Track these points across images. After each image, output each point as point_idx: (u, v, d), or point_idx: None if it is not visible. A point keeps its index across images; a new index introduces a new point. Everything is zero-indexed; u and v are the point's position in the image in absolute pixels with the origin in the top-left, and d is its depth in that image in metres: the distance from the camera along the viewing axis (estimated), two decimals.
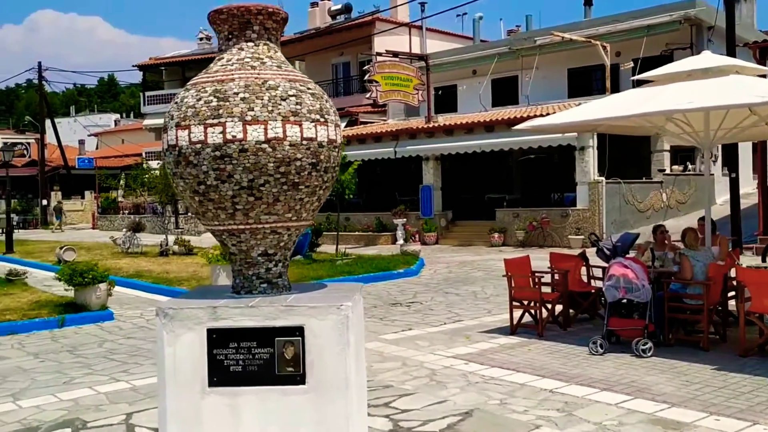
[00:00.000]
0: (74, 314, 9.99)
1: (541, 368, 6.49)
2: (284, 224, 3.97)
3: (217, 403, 3.69)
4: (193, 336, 3.70)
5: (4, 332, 9.23)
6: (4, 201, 26.89)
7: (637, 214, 19.59)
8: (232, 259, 4.10)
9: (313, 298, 3.86)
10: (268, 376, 3.68)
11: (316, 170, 3.96)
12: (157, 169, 23.20)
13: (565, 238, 18.51)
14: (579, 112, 8.29)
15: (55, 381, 6.81)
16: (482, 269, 14.86)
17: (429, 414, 4.93)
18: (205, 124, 3.72)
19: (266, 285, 4.02)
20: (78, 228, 38.65)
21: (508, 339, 7.86)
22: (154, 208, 31.89)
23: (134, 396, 6.15)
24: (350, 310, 3.72)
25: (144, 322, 10.08)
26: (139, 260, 17.83)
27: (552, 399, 5.53)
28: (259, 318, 3.69)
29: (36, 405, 6.00)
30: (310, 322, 3.68)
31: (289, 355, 3.67)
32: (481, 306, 10.35)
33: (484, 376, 6.31)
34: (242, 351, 3.69)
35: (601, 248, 9.10)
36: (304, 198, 3.97)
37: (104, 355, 7.92)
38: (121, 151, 47.90)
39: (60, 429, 4.99)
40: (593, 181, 18.56)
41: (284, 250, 4.09)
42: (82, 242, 24.40)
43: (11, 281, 13.29)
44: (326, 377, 3.66)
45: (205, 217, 4.00)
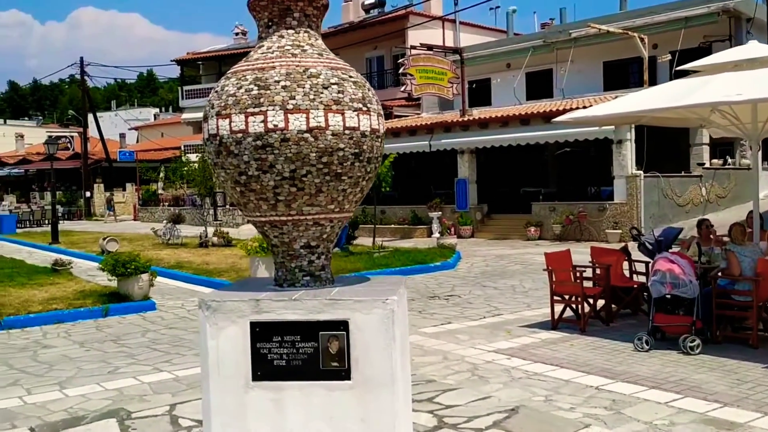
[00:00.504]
0: (117, 304, 10.16)
1: (586, 364, 6.33)
2: (327, 216, 3.92)
3: (261, 398, 3.66)
4: (236, 329, 3.67)
5: (51, 321, 9.44)
6: (50, 193, 27.58)
7: (675, 208, 19.10)
8: (274, 251, 4.06)
9: (357, 292, 3.79)
10: (312, 370, 3.63)
11: (358, 160, 3.88)
12: (196, 162, 23.47)
13: (603, 233, 18.14)
14: (622, 104, 8.05)
15: (100, 370, 6.92)
16: (519, 263, 14.66)
17: (474, 410, 4.84)
18: (246, 112, 3.68)
19: (309, 278, 3.97)
20: (120, 219, 39.47)
21: (549, 334, 7.71)
22: (193, 200, 32.33)
23: (177, 386, 6.20)
24: (396, 304, 3.65)
25: (185, 312, 10.19)
26: (180, 251, 18.06)
27: (598, 396, 5.38)
28: (303, 311, 3.64)
29: (82, 394, 6.09)
30: (355, 316, 3.61)
31: (333, 349, 3.62)
32: (520, 300, 10.19)
33: (527, 372, 6.19)
34: (286, 345, 3.65)
35: (643, 243, 8.86)
36: (346, 189, 3.90)
37: (147, 345, 8.02)
38: (161, 144, 48.70)
39: (105, 419, 5.04)
40: (631, 175, 18.13)
41: (327, 243, 4.04)
42: (123, 233, 24.88)
43: (57, 271, 13.60)
44: (372, 373, 3.60)
45: (247, 208, 3.97)
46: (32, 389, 6.32)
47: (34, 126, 70.43)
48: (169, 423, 4.89)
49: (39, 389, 6.31)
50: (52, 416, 5.49)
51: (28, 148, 53.17)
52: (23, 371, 6.99)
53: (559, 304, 8.08)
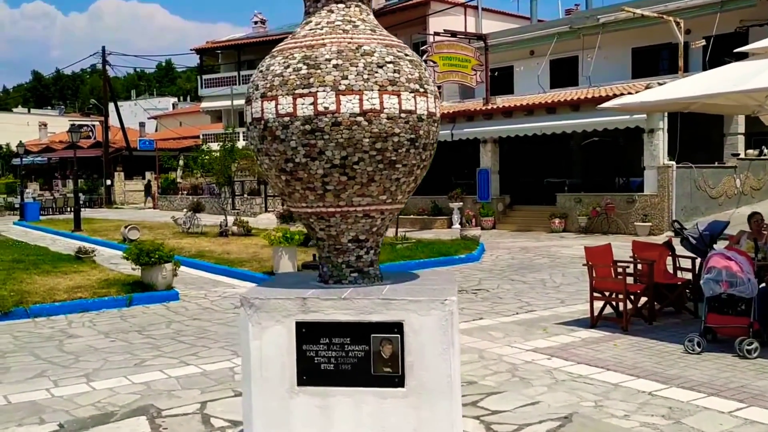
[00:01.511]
0: (141, 293, 9.99)
1: (633, 367, 6.01)
2: (378, 207, 3.63)
3: (307, 404, 3.39)
4: (281, 329, 3.41)
5: (76, 309, 9.30)
6: (72, 181, 27.58)
7: (708, 200, 18.56)
8: (319, 245, 3.78)
9: (411, 291, 3.51)
10: (362, 376, 3.36)
11: (414, 147, 3.59)
12: (216, 151, 23.31)
13: (631, 225, 17.69)
14: (672, 89, 7.65)
15: (127, 362, 6.72)
16: (546, 256, 14.30)
17: (523, 417, 4.55)
18: (294, 94, 3.39)
19: (357, 274, 3.69)
20: (139, 207, 39.54)
21: (589, 332, 7.38)
22: (211, 189, 32.25)
23: (205, 382, 5.98)
24: (455, 305, 3.36)
25: (209, 303, 9.99)
26: (200, 240, 17.91)
27: (653, 403, 5.06)
28: (353, 312, 3.36)
29: (109, 387, 5.89)
30: (411, 318, 3.33)
31: (386, 353, 3.34)
32: (552, 295, 9.85)
33: (571, 374, 5.88)
34: (334, 348, 3.38)
35: (687, 237, 8.49)
36: (400, 178, 3.61)
37: (172, 337, 7.82)
38: (179, 133, 48.69)
39: (135, 416, 4.81)
40: (663, 166, 17.63)
41: (377, 236, 3.76)
42: (144, 221, 24.82)
43: (81, 259, 13.49)
44: (428, 380, 3.32)
45: (292, 199, 3.68)
46: (59, 381, 6.13)
47: (56, 115, 70.90)
48: (201, 422, 4.65)
49: (66, 381, 6.13)
50: (79, 411, 5.28)
51: (51, 136, 53.52)
52: (50, 362, 6.81)
53: (599, 301, 7.73)
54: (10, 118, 64.72)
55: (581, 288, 10.29)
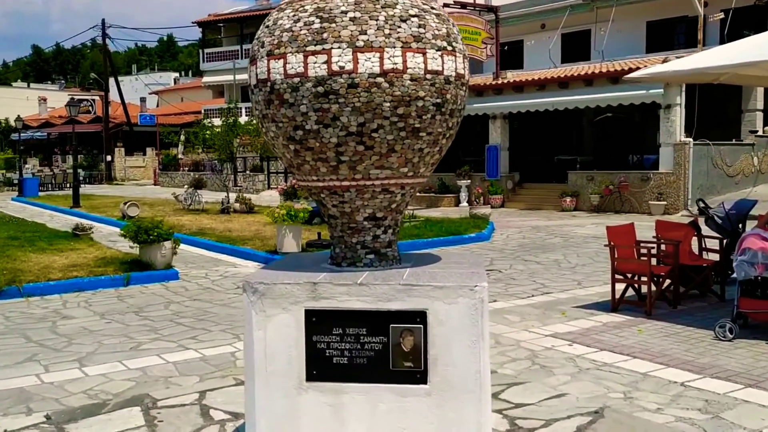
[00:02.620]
0: (139, 272, 9.63)
1: (662, 354, 5.63)
2: (398, 181, 3.22)
3: (317, 402, 3.01)
4: (288, 318, 3.01)
5: (71, 289, 8.95)
6: (72, 156, 27.18)
7: (725, 179, 18.08)
8: (331, 223, 3.37)
9: (435, 275, 3.10)
10: (380, 371, 2.97)
11: (440, 113, 3.17)
12: (218, 127, 22.85)
13: (645, 204, 17.25)
14: (702, 59, 7.16)
15: (122, 346, 6.37)
16: (559, 235, 13.89)
17: (549, 411, 4.18)
18: (306, 51, 2.96)
19: (373, 256, 3.29)
20: (140, 184, 39.16)
21: (610, 317, 7.00)
22: (213, 165, 31.82)
23: (205, 368, 5.62)
24: (485, 292, 2.96)
25: (209, 282, 9.64)
26: (201, 217, 17.55)
27: (687, 395, 4.69)
28: (370, 299, 2.97)
29: (102, 373, 5.54)
30: (435, 306, 2.93)
31: (407, 346, 2.95)
32: (568, 277, 9.46)
33: (595, 362, 5.50)
34: (348, 339, 2.99)
35: (712, 216, 8.10)
36: (424, 148, 3.19)
37: (171, 318, 7.46)
38: (181, 108, 48.13)
39: (128, 407, 4.46)
40: (679, 143, 17.12)
41: (396, 214, 3.35)
42: (144, 198, 24.44)
43: (78, 236, 13.15)
44: (454, 376, 2.93)
45: (301, 171, 3.27)
46: (50, 366, 5.78)
47: (56, 90, 70.21)
48: (200, 415, 4.30)
49: (57, 366, 5.78)
50: (70, 399, 4.93)
51: (50, 111, 52.97)
52: (41, 344, 6.46)
53: (620, 284, 7.34)
54: (9, 92, 64.07)
55: (598, 269, 9.92)
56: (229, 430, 4.03)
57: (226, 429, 4.04)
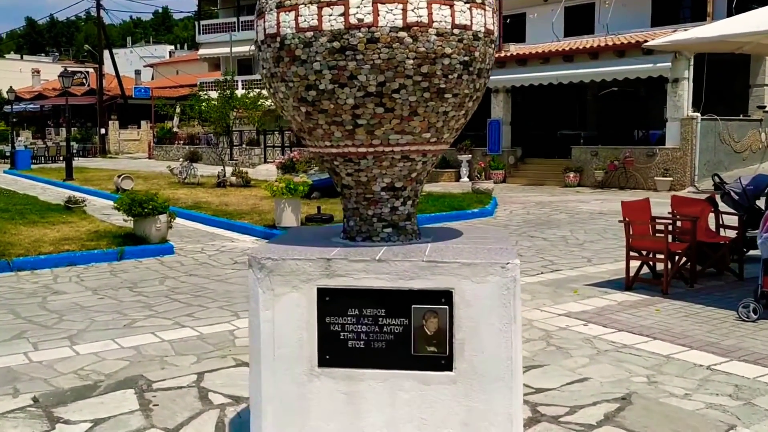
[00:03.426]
0: (133, 247, 9.32)
1: (683, 336, 5.38)
2: (420, 147, 2.91)
3: (330, 389, 2.73)
4: (299, 297, 2.72)
5: (63, 263, 8.65)
6: (65, 129, 26.72)
7: (732, 155, 17.77)
8: (345, 194, 3.06)
9: (461, 251, 2.80)
10: (400, 357, 2.69)
11: (468, 72, 2.85)
12: (214, 99, 22.38)
13: (650, 180, 16.96)
14: (725, 26, 6.80)
15: (115, 323, 6.09)
16: (564, 211, 13.62)
17: (573, 397, 3.93)
18: (320, 2, 2.63)
19: (391, 230, 2.99)
20: (134, 157, 38.67)
21: (625, 295, 6.74)
22: (208, 139, 31.36)
23: (202, 347, 5.34)
24: (518, 270, 2.67)
25: (206, 257, 9.34)
26: (197, 191, 17.23)
27: (715, 380, 4.44)
28: (390, 277, 2.67)
29: (94, 352, 5.25)
30: (462, 286, 2.64)
31: (430, 329, 2.66)
32: (577, 254, 9.20)
33: (613, 343, 5.25)
34: (365, 321, 2.70)
35: (728, 192, 7.82)
36: (449, 111, 2.87)
37: (166, 294, 7.18)
38: (176, 81, 47.35)
39: (121, 390, 4.19)
40: (687, 117, 16.77)
41: (416, 184, 3.04)
42: (139, 171, 24.05)
43: (70, 209, 12.82)
44: (482, 363, 2.65)
45: (312, 136, 2.95)
46: (39, 344, 5.50)
47: (50, 62, 69.12)
48: (198, 398, 4.03)
49: (47, 344, 5.50)
50: (60, 379, 4.66)
51: (44, 84, 52.15)
52: (31, 321, 6.18)
53: (635, 261, 7.07)
54: (2, 64, 62.99)
55: (607, 246, 9.66)
56: (230, 415, 3.76)
57: (226, 414, 3.77)
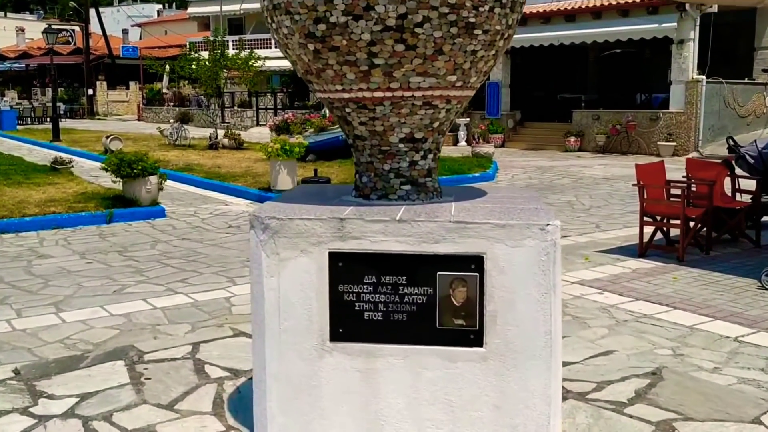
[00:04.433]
0: (123, 209, 8.95)
1: (705, 305, 5.11)
2: (444, 92, 2.54)
3: (343, 366, 2.41)
4: (308, 262, 2.38)
5: (49, 226, 8.28)
6: (51, 88, 26.00)
7: (736, 119, 17.40)
8: (357, 146, 2.69)
9: (491, 211, 2.46)
10: (423, 330, 2.38)
11: (500, 5, 2.46)
12: (203, 60, 21.74)
13: (653, 145, 16.62)
14: None
15: (104, 289, 5.76)
16: (566, 176, 13.30)
17: (599, 372, 3.65)
18: None
19: (410, 187, 2.64)
20: (123, 119, 37.89)
21: (639, 262, 6.46)
22: (199, 100, 30.65)
23: (196, 315, 5.03)
24: (558, 233, 2.34)
25: (199, 221, 8.99)
26: (188, 153, 16.79)
27: (744, 352, 4.18)
28: (413, 239, 2.33)
29: (82, 320, 4.94)
30: (495, 250, 2.31)
31: (458, 299, 2.34)
32: (584, 219, 8.90)
33: (632, 313, 4.97)
34: (384, 290, 2.38)
35: (743, 155, 7.50)
36: (478, 51, 2.50)
37: (157, 259, 6.84)
38: (165, 41, 46.17)
39: (110, 361, 3.88)
40: (692, 80, 16.34)
41: (437, 135, 2.68)
42: (128, 133, 23.45)
43: (57, 170, 12.39)
44: (517, 338, 2.33)
45: (321, 79, 2.57)
46: (23, 310, 5.18)
47: (34, 20, 67.23)
48: (193, 371, 3.72)
49: (31, 311, 5.18)
50: (44, 349, 4.34)
51: (29, 42, 50.75)
52: (14, 286, 5.85)
53: (648, 227, 6.77)
54: None
55: (614, 211, 9.37)
56: (229, 390, 3.46)
57: (224, 389, 3.47)
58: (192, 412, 3.20)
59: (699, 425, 3.09)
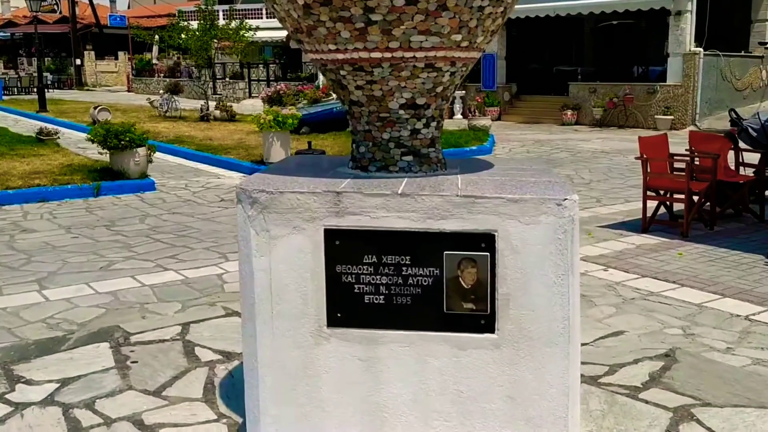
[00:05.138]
0: (111, 182, 8.70)
1: (712, 282, 4.95)
2: (449, 53, 2.31)
3: (342, 354, 2.22)
4: (302, 240, 2.17)
5: (33, 198, 8.04)
6: (36, 57, 25.43)
7: (733, 93, 17.14)
8: (353, 113, 2.46)
9: (502, 185, 2.25)
10: (429, 315, 2.18)
11: None
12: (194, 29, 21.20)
13: (650, 118, 16.38)
14: None
15: (90, 265, 5.54)
16: (565, 149, 13.08)
17: (610, 353, 3.48)
18: None
19: (411, 158, 2.42)
20: (113, 90, 37.25)
21: (642, 238, 6.28)
22: (189, 71, 30.06)
23: (187, 293, 4.83)
24: (576, 208, 2.13)
25: (189, 194, 8.75)
26: (179, 125, 16.46)
27: (756, 332, 4.03)
28: (417, 215, 2.12)
29: (66, 298, 4.74)
30: (508, 227, 2.10)
31: (467, 281, 2.14)
32: (585, 194, 8.69)
33: (639, 290, 4.81)
34: (386, 271, 2.17)
35: (746, 128, 7.30)
36: (485, 7, 2.26)
37: (147, 234, 6.62)
38: (154, 11, 45.20)
39: (94, 343, 3.68)
40: (689, 53, 16.05)
41: (441, 101, 2.45)
42: (117, 104, 23.02)
43: (42, 141, 12.08)
44: (532, 323, 2.14)
45: (312, 38, 2.32)
46: (4, 287, 4.98)
47: None
48: (183, 354, 3.53)
49: (12, 288, 4.97)
50: (25, 329, 4.15)
51: (14, 11, 49.63)
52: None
53: (651, 201, 6.59)
54: None
55: (614, 186, 9.18)
56: (221, 374, 3.27)
57: (216, 373, 3.28)
58: (181, 399, 3.02)
59: (718, 411, 2.93)
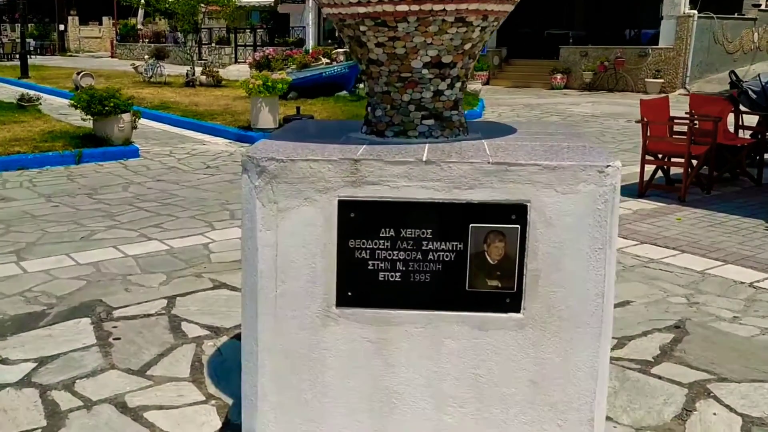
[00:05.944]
0: (93, 149, 8.38)
1: (713, 248, 4.82)
2: (482, 5, 2.08)
3: (352, 336, 2.03)
4: (313, 213, 1.96)
5: (12, 166, 7.72)
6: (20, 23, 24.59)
7: (724, 56, 16.97)
8: (370, 73, 2.23)
9: (533, 150, 2.05)
10: (450, 294, 1.99)
11: None
12: None
13: (641, 82, 16.20)
14: None
15: (71, 235, 5.29)
16: (555, 114, 12.92)
17: (618, 326, 3.32)
18: None
19: (433, 121, 2.20)
20: (96, 56, 36.28)
21: (639, 203, 6.15)
22: (175, 37, 29.24)
23: (173, 264, 4.60)
24: (618, 176, 1.95)
25: (174, 161, 8.46)
26: (164, 90, 16.04)
27: (762, 299, 3.91)
28: (442, 185, 1.92)
29: (45, 269, 4.47)
30: (542, 197, 1.91)
31: (494, 256, 1.95)
32: None
33: (638, 257, 4.67)
34: (404, 246, 1.97)
35: (746, 90, 7.17)
36: None
37: (130, 202, 6.36)
38: None
39: (75, 318, 3.47)
40: (683, 15, 15.81)
41: (468, 60, 2.22)
42: (101, 70, 22.39)
43: (23, 107, 11.67)
44: (563, 302, 1.95)
45: None
46: None
47: None
48: (168, 329, 3.33)
49: None
50: (2, 303, 3.91)
51: None
52: None
53: (649, 165, 6.44)
54: None
55: (608, 150, 9.00)
56: (209, 351, 3.08)
57: (203, 350, 3.09)
58: (167, 379, 2.84)
59: (736, 387, 2.81)
